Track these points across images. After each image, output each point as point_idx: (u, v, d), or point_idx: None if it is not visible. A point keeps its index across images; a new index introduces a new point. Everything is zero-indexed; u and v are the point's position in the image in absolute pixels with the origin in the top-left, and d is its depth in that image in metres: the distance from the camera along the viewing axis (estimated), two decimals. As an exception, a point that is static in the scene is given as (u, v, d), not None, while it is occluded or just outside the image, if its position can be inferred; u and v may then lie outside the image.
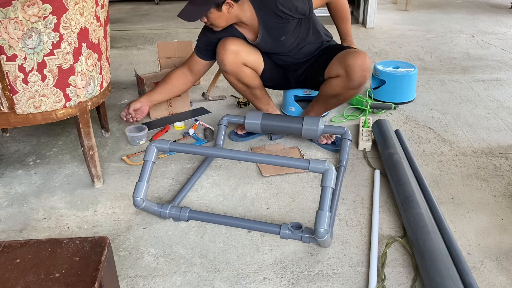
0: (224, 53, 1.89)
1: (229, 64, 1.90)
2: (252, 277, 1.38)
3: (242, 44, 1.92)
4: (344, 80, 1.85)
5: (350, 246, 1.49)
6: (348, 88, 1.86)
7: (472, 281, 1.26)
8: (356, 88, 1.86)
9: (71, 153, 2.06)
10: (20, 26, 1.39)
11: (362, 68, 1.79)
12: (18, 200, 1.74)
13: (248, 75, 1.98)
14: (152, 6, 5.02)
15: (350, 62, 1.80)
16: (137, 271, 1.40)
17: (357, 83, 1.83)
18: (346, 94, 1.91)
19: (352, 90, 1.87)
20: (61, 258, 0.96)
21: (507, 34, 3.82)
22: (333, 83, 1.91)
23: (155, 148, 1.55)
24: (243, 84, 2.01)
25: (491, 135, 2.18)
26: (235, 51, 1.89)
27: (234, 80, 1.99)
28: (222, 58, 1.90)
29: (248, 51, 1.94)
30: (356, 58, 1.80)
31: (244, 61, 1.93)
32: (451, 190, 1.77)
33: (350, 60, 1.81)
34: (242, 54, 1.91)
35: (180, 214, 1.56)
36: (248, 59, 1.94)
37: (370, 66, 1.83)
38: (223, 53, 1.89)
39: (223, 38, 1.92)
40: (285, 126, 1.97)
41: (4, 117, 1.54)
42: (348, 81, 1.83)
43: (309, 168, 1.39)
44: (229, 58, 1.89)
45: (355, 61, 1.79)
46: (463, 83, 2.81)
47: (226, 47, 1.89)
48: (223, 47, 1.89)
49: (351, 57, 1.82)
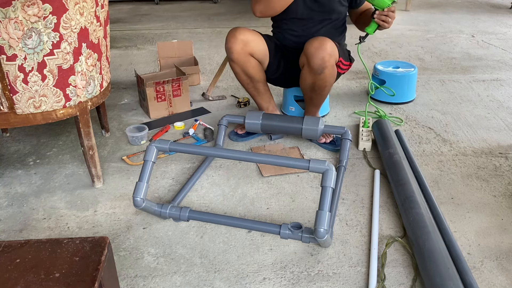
0: (233, 41, 1.90)
1: (236, 53, 1.91)
2: (252, 277, 1.38)
3: (252, 34, 1.94)
4: (307, 67, 1.87)
5: (350, 246, 1.49)
6: (313, 74, 1.87)
7: (472, 281, 1.26)
8: (319, 73, 1.85)
9: (71, 153, 2.06)
10: (20, 26, 1.39)
11: (318, 50, 1.80)
12: (18, 200, 1.74)
13: (254, 66, 1.99)
14: (152, 6, 5.02)
15: (308, 46, 1.84)
16: (137, 271, 1.40)
17: (317, 66, 1.82)
18: (318, 83, 1.91)
19: (318, 75, 1.87)
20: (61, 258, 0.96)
21: (507, 34, 3.82)
22: (302, 74, 1.94)
23: (155, 148, 1.55)
24: (247, 76, 2.01)
25: (491, 135, 2.18)
26: (244, 41, 1.90)
27: (239, 71, 1.99)
28: (230, 46, 1.91)
29: (257, 43, 1.95)
30: (313, 41, 1.83)
31: (252, 52, 1.94)
32: (451, 190, 1.77)
33: (308, 45, 1.84)
34: (251, 44, 1.93)
35: (180, 214, 1.56)
36: (256, 50, 1.95)
37: (332, 49, 1.82)
38: (233, 41, 1.90)
39: (234, 27, 1.94)
40: (285, 126, 1.97)
41: (4, 117, 1.54)
42: (310, 67, 1.85)
43: (309, 168, 1.39)
44: (238, 47, 1.90)
45: (312, 44, 1.82)
46: (463, 83, 2.81)
47: (236, 35, 1.90)
48: (233, 35, 1.91)
49: (309, 43, 1.84)
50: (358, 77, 2.90)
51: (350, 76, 2.92)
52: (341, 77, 2.90)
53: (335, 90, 2.70)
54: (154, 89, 2.30)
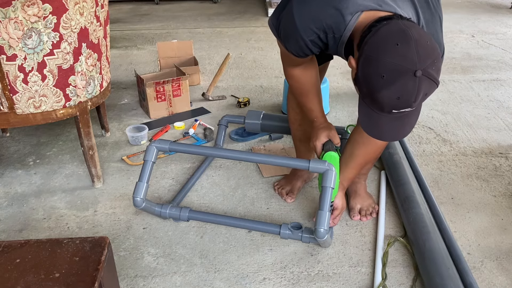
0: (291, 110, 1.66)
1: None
2: (252, 277, 1.38)
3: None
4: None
5: (350, 246, 1.49)
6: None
7: (472, 281, 1.25)
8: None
9: (71, 153, 2.06)
10: (20, 26, 1.39)
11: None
12: (18, 200, 1.74)
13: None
14: (152, 6, 5.02)
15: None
16: (137, 271, 1.40)
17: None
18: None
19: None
20: (61, 258, 0.96)
21: (507, 34, 3.82)
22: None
23: (155, 148, 1.55)
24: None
25: (491, 135, 2.18)
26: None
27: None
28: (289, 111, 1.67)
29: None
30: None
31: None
32: (451, 190, 1.77)
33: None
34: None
35: (180, 214, 1.56)
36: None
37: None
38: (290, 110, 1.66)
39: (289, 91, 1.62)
40: (285, 126, 1.97)
41: (4, 117, 1.54)
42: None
43: (309, 168, 1.39)
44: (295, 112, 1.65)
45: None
46: (463, 83, 2.81)
47: (292, 106, 1.65)
48: (291, 105, 1.65)
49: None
50: (358, 77, 2.89)
51: (350, 76, 2.91)
52: (341, 77, 2.90)
53: (335, 90, 2.70)
54: (154, 89, 2.30)
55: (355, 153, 1.48)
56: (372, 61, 1.08)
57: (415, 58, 1.03)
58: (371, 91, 1.11)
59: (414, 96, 1.06)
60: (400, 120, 1.17)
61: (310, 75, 1.46)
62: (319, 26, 1.20)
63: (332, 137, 1.47)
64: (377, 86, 1.08)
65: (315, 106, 1.49)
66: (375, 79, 1.08)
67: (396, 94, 1.06)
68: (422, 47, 1.04)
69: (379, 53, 1.07)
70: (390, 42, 1.06)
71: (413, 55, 1.03)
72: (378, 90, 1.08)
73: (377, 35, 1.08)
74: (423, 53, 1.04)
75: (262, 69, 3.06)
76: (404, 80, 1.04)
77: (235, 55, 3.32)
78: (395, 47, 1.05)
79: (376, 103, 1.12)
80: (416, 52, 1.04)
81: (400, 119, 1.16)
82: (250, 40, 3.70)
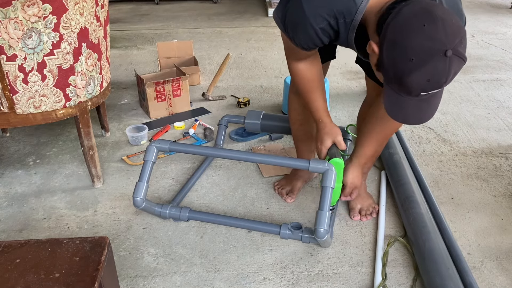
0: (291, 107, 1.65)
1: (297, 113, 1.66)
2: (252, 277, 1.38)
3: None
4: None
5: (350, 246, 1.49)
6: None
7: (472, 281, 1.26)
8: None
9: (71, 153, 2.06)
10: (20, 26, 1.39)
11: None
12: (18, 200, 1.74)
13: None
14: (152, 6, 5.02)
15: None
16: (137, 271, 1.40)
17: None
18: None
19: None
20: (61, 258, 0.96)
21: (507, 34, 3.82)
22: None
23: (155, 148, 1.55)
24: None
25: (491, 135, 2.18)
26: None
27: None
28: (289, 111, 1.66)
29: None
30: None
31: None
32: (451, 190, 1.77)
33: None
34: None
35: (180, 214, 1.56)
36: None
37: None
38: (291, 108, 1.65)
39: (292, 88, 1.60)
40: (285, 126, 1.97)
41: (4, 117, 1.54)
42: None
43: (309, 168, 1.39)
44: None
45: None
46: (463, 83, 2.81)
47: (293, 101, 1.64)
48: (291, 102, 1.65)
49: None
50: (358, 77, 2.89)
51: (350, 76, 2.92)
52: (341, 77, 2.90)
53: (335, 90, 2.70)
54: (154, 89, 2.30)
55: (373, 129, 1.46)
56: (398, 44, 1.04)
57: (444, 38, 1.00)
58: (399, 75, 1.06)
59: (445, 76, 1.04)
60: (427, 102, 1.13)
61: (316, 70, 1.43)
62: (330, 12, 1.16)
63: (338, 143, 1.44)
64: (406, 70, 1.03)
65: (320, 105, 1.46)
66: (403, 63, 1.04)
67: (427, 76, 1.03)
68: (449, 26, 1.01)
69: (405, 35, 1.03)
70: (416, 23, 1.02)
71: (442, 35, 1.00)
72: (407, 74, 1.04)
73: (399, 17, 1.04)
74: (451, 32, 1.01)
75: (262, 69, 3.06)
76: (434, 62, 1.01)
77: (235, 55, 3.32)
78: (422, 28, 1.01)
79: (404, 87, 1.08)
80: (444, 31, 1.00)
81: (426, 101, 1.13)
82: (250, 40, 3.70)
